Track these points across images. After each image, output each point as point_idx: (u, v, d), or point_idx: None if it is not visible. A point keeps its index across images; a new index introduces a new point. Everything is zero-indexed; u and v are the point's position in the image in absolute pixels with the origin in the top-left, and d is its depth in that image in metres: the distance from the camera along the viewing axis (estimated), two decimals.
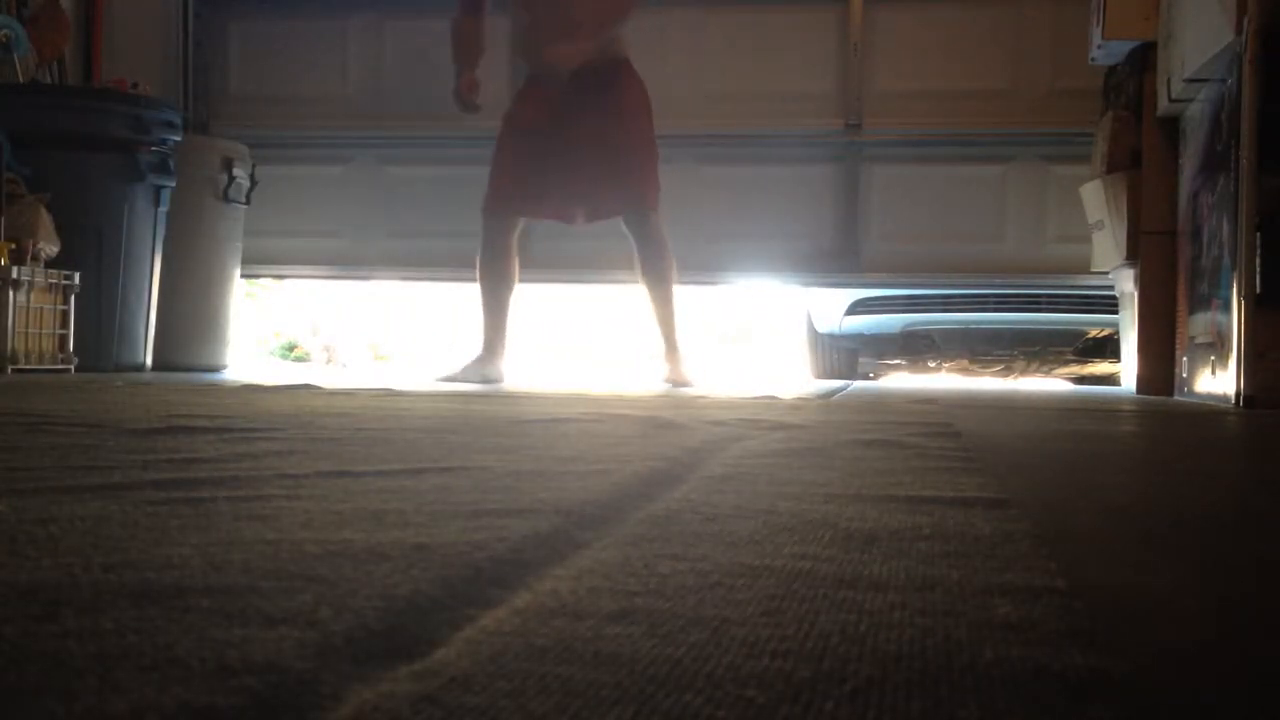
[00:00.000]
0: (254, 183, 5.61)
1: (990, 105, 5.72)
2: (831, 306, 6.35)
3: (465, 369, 4.47)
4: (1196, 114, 4.03)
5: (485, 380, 4.37)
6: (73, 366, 4.71)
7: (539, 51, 4.47)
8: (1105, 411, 3.38)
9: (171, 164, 5.10)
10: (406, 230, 6.15)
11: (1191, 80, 3.89)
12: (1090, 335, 6.05)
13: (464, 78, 4.68)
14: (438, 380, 4.39)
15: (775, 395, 3.58)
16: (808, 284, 6.25)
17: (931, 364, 6.37)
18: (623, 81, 4.52)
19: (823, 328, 6.48)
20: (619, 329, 9.33)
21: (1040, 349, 6.16)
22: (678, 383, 4.43)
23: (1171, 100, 4.13)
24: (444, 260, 6.13)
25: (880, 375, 6.68)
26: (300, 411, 2.37)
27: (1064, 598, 0.70)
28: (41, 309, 4.60)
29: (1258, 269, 3.39)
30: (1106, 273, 4.99)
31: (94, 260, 4.86)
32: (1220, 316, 3.65)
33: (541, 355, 8.89)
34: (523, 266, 5.96)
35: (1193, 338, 4.03)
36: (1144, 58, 4.45)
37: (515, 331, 4.69)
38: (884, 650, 0.58)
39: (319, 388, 3.54)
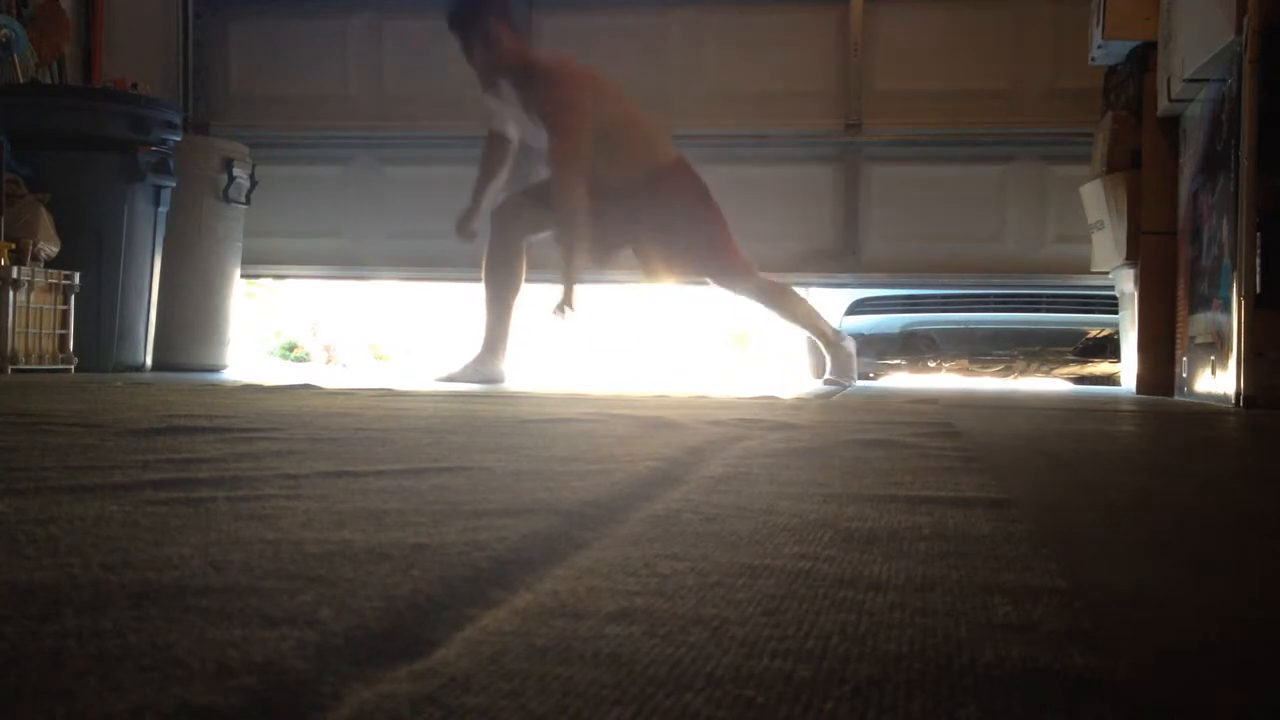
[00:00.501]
0: (254, 183, 5.61)
1: (990, 105, 5.72)
2: (831, 306, 6.35)
3: (465, 369, 4.47)
4: (1196, 114, 4.03)
5: (485, 380, 4.37)
6: (73, 366, 4.71)
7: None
8: (1105, 411, 3.38)
9: (171, 164, 5.10)
10: (406, 230, 6.15)
11: (1191, 80, 3.89)
12: (1090, 335, 6.05)
13: (472, 207, 4.64)
14: (437, 380, 4.39)
15: (775, 395, 3.58)
16: (808, 284, 6.24)
17: (931, 364, 6.37)
18: (674, 182, 4.55)
19: None
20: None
21: (1040, 349, 6.16)
22: (839, 381, 4.61)
23: (1171, 100, 4.13)
24: (443, 260, 6.13)
25: (880, 375, 6.68)
26: (300, 411, 2.37)
27: (1064, 598, 0.70)
28: (41, 309, 4.60)
29: (1258, 269, 3.39)
30: (1106, 273, 4.99)
31: (94, 260, 4.86)
32: (1220, 316, 3.65)
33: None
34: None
35: (1193, 338, 4.03)
36: (1144, 58, 4.44)
37: (517, 332, 4.68)
38: (884, 650, 0.58)
39: (319, 388, 3.54)
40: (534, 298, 4.76)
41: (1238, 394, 3.42)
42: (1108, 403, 3.97)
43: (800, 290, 6.48)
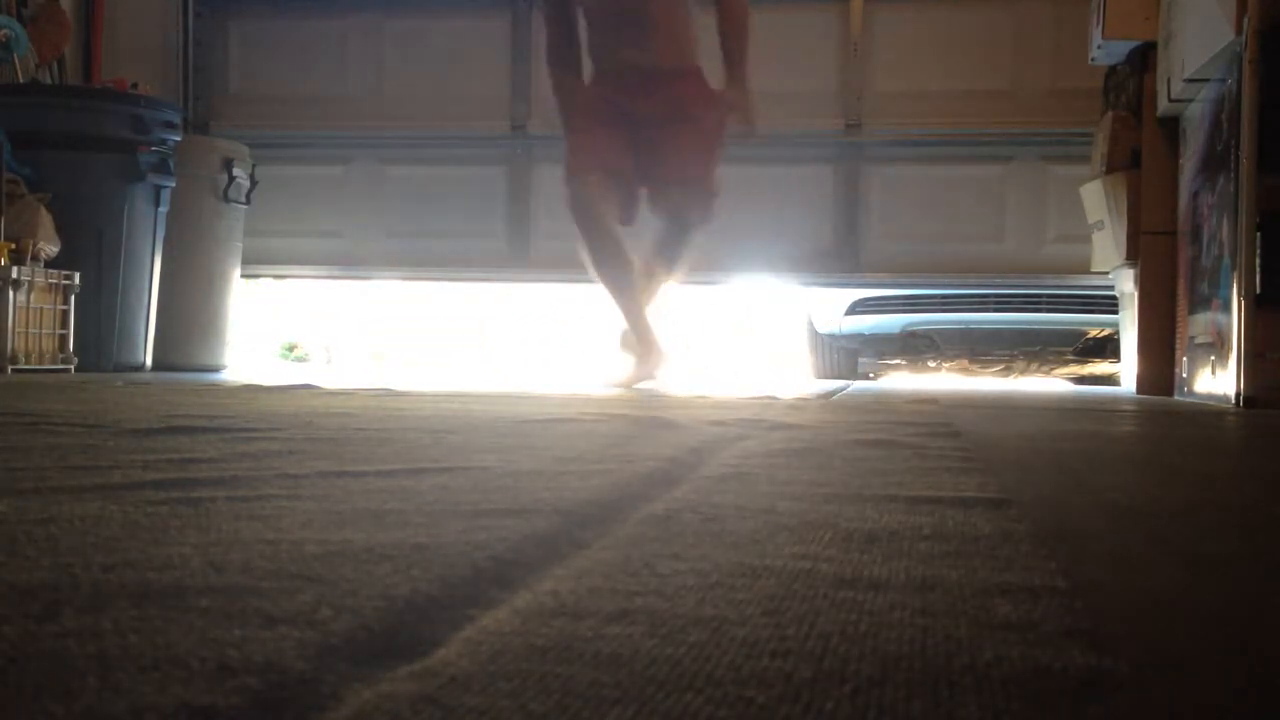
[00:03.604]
0: (254, 183, 5.61)
1: (990, 105, 5.72)
2: (831, 306, 6.35)
3: (634, 370, 4.16)
4: (1196, 114, 4.03)
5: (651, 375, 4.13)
6: (73, 366, 4.71)
7: (614, 54, 4.37)
8: (1105, 411, 3.38)
9: (171, 164, 5.09)
10: (406, 230, 6.15)
11: (1191, 80, 3.89)
12: (1090, 335, 6.05)
13: (570, 79, 4.39)
14: (608, 386, 4.10)
15: (775, 395, 3.58)
16: (808, 284, 6.25)
17: (931, 364, 6.37)
18: (693, 83, 4.43)
19: (823, 328, 6.48)
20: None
21: (1040, 349, 6.16)
22: (630, 381, 4.18)
23: (1171, 100, 4.13)
24: (444, 260, 6.14)
25: (880, 375, 6.68)
26: (300, 411, 2.37)
27: (1064, 598, 0.70)
28: (41, 309, 4.60)
29: (1258, 269, 3.39)
30: (1106, 273, 4.99)
31: (94, 260, 4.86)
32: (1220, 316, 3.65)
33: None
34: (524, 266, 5.96)
35: (1193, 338, 4.03)
36: (1144, 58, 4.44)
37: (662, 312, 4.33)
38: (884, 650, 0.58)
39: (319, 388, 3.54)
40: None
41: (1238, 394, 3.42)
42: (1108, 403, 3.97)
43: (800, 290, 6.51)
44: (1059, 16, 5.64)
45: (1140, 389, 4.46)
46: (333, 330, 9.98)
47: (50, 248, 4.62)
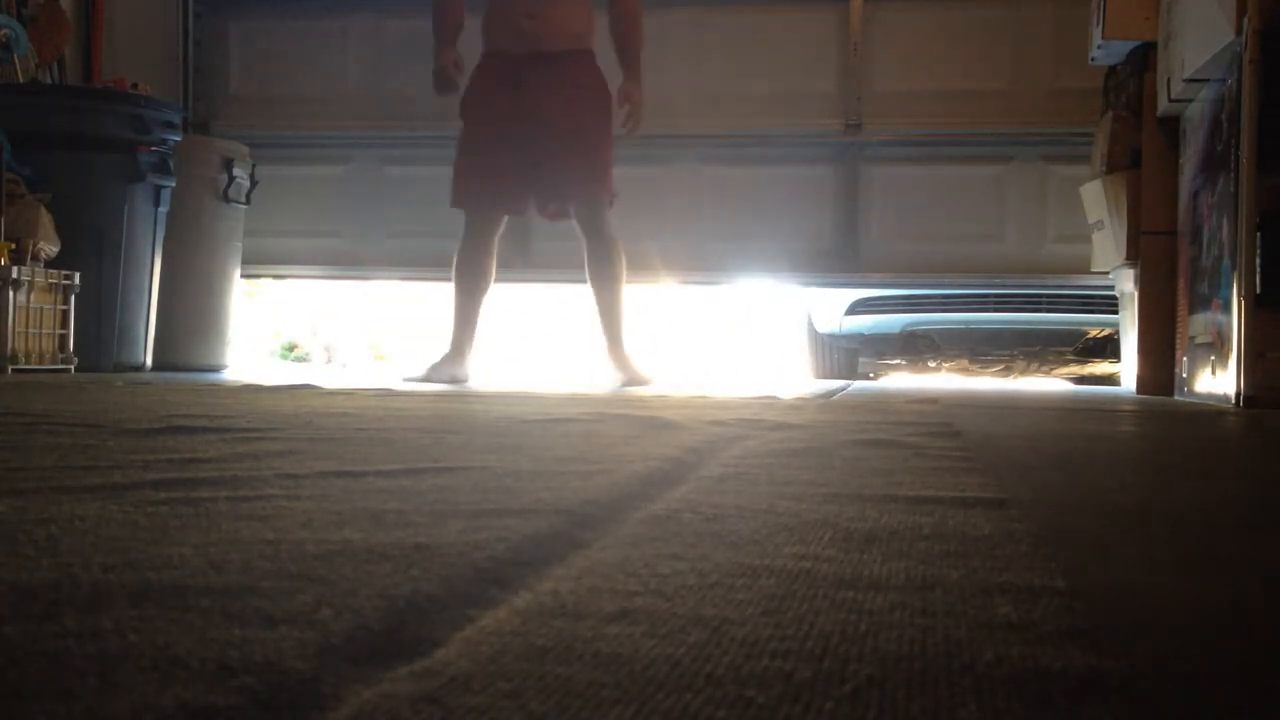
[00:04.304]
0: (254, 183, 5.60)
1: (990, 105, 5.72)
2: (831, 306, 6.35)
3: (432, 368, 4.46)
4: (1196, 114, 4.03)
5: (453, 380, 4.35)
6: (73, 366, 4.70)
7: (509, 24, 4.45)
8: (1105, 411, 3.38)
9: (171, 164, 5.09)
10: (406, 230, 6.14)
11: (1191, 80, 3.89)
12: (1090, 335, 6.05)
13: (445, 54, 4.60)
14: (405, 380, 4.36)
15: (775, 395, 3.58)
16: (808, 284, 6.25)
17: (931, 364, 6.37)
18: (585, 71, 4.51)
19: (823, 328, 6.48)
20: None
21: (1040, 349, 6.16)
22: (631, 382, 4.39)
23: (1171, 100, 4.13)
24: (444, 260, 6.13)
25: (880, 375, 6.68)
26: (300, 411, 2.37)
27: (1064, 598, 0.70)
28: (41, 309, 4.60)
29: (1258, 269, 3.39)
30: (1106, 273, 4.99)
31: (94, 260, 4.86)
32: (1220, 316, 3.65)
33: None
34: (523, 266, 5.97)
35: (1193, 338, 4.03)
36: (1144, 58, 4.44)
37: (484, 331, 4.67)
38: (884, 650, 0.58)
39: (319, 388, 3.54)
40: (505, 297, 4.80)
41: (1238, 394, 3.42)
42: (1108, 403, 3.97)
43: (800, 290, 6.51)
44: (1059, 16, 5.63)
45: (1140, 389, 4.46)
46: (333, 330, 9.98)
47: (50, 248, 4.62)
